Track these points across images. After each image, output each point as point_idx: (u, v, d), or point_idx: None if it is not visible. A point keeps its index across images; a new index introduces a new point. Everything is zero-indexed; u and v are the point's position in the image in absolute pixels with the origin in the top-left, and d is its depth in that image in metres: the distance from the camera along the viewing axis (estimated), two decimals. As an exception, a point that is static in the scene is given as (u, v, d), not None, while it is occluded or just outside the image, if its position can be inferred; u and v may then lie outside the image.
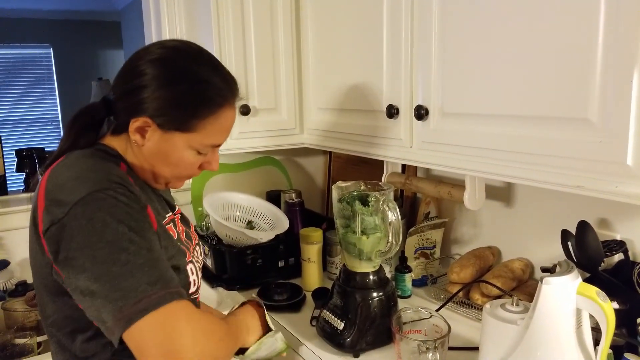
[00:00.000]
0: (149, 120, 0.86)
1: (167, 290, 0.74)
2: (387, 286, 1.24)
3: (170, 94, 0.85)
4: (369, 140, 1.39)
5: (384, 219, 1.19)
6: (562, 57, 0.87)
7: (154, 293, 0.73)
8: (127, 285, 0.73)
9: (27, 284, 1.67)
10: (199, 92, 0.87)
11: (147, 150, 0.89)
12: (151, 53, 0.88)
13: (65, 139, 0.91)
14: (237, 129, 1.57)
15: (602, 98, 0.82)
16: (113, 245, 0.74)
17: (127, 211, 0.78)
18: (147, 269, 0.75)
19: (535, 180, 0.95)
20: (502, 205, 1.50)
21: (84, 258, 0.74)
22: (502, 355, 0.93)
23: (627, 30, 0.77)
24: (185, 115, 0.87)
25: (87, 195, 0.76)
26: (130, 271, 0.73)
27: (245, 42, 1.55)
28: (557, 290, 0.87)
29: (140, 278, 0.73)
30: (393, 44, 1.24)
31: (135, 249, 0.75)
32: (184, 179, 0.97)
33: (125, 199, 0.79)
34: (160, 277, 0.75)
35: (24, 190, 1.97)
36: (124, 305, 0.72)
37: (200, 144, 0.90)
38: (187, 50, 0.91)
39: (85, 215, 0.75)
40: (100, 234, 0.75)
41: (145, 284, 0.73)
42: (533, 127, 0.94)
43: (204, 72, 0.89)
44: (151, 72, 0.86)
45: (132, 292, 0.72)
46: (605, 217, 1.22)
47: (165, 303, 0.73)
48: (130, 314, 0.71)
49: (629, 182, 0.80)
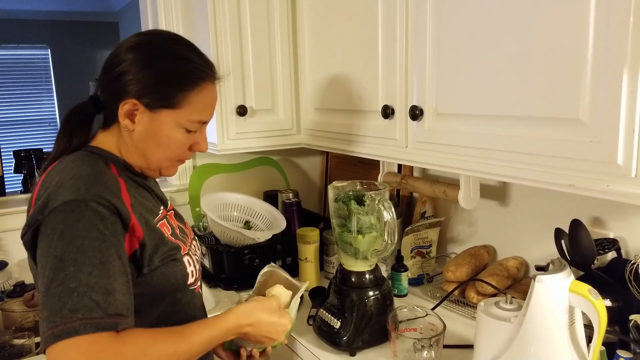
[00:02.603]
0: (136, 101, 0.88)
1: (86, 320, 0.72)
2: (383, 285, 1.25)
3: (152, 72, 0.88)
4: (365, 140, 1.40)
5: (379, 219, 1.20)
6: (553, 58, 0.88)
7: (71, 322, 0.71)
8: (52, 306, 0.73)
9: (25, 284, 1.67)
10: (181, 67, 0.90)
11: (137, 135, 0.91)
12: (128, 42, 0.92)
13: (60, 141, 0.93)
14: (234, 130, 1.58)
15: (592, 98, 0.83)
16: (57, 263, 0.75)
17: (86, 228, 0.77)
18: (76, 295, 0.73)
19: (528, 179, 0.96)
20: (497, 204, 1.51)
21: (40, 266, 0.78)
22: (496, 352, 0.94)
23: (617, 31, 0.78)
24: (170, 90, 0.89)
25: (61, 204, 0.78)
26: (59, 294, 0.73)
27: (242, 42, 1.56)
28: (549, 288, 0.88)
29: (64, 303, 0.72)
30: (388, 45, 1.25)
31: (74, 271, 0.74)
32: (175, 162, 0.98)
33: (93, 215, 0.79)
34: (84, 306, 0.73)
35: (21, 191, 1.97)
36: (47, 326, 0.72)
37: (187, 119, 0.91)
38: (164, 33, 0.96)
39: (51, 225, 0.78)
40: (54, 248, 0.76)
41: (67, 310, 0.72)
42: (525, 127, 0.95)
43: (183, 50, 0.92)
44: (131, 57, 0.89)
45: (53, 316, 0.72)
46: (598, 215, 1.23)
47: (75, 334, 0.71)
48: (46, 337, 0.71)
49: (619, 181, 0.81)
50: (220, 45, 1.52)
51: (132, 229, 0.85)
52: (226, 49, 1.53)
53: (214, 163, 1.94)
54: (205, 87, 0.92)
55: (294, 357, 1.33)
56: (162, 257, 0.90)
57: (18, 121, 5.39)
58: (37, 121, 5.49)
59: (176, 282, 0.94)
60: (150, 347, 0.77)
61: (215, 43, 1.52)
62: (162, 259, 0.90)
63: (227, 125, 1.57)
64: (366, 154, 1.41)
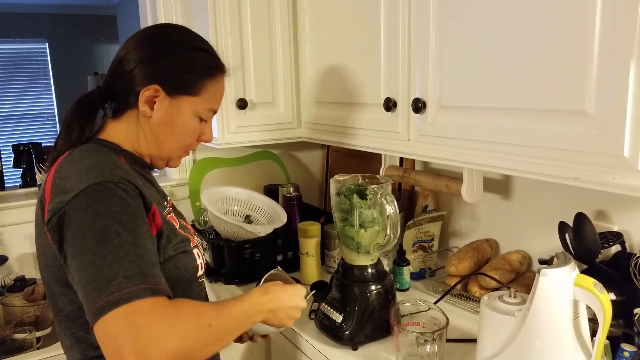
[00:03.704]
0: (158, 87, 0.91)
1: (143, 286, 0.73)
2: (386, 279, 1.25)
3: (175, 60, 0.92)
4: (366, 133, 1.39)
5: (381, 212, 1.19)
6: (558, 49, 0.87)
7: (128, 287, 0.72)
8: (104, 276, 0.73)
9: (25, 279, 1.67)
10: (202, 57, 0.95)
11: (154, 122, 0.93)
12: (143, 33, 0.95)
13: (68, 132, 0.92)
14: (234, 123, 1.57)
15: (598, 90, 0.82)
16: (100, 237, 0.75)
17: (121, 205, 0.79)
18: (127, 263, 0.74)
19: (532, 172, 0.95)
20: (500, 197, 1.50)
21: (75, 247, 0.76)
22: (499, 347, 0.93)
23: (624, 21, 0.77)
24: (192, 78, 0.93)
25: (88, 187, 0.79)
26: (109, 263, 0.73)
27: (242, 35, 1.55)
28: (554, 281, 0.87)
29: (117, 271, 0.73)
30: (390, 37, 1.24)
31: (119, 242, 0.76)
32: (183, 153, 1.01)
33: (124, 194, 0.80)
34: (138, 273, 0.74)
35: (21, 185, 1.96)
36: (98, 296, 0.71)
37: (204, 107, 0.96)
38: (178, 26, 1.00)
39: (82, 206, 0.77)
40: (91, 225, 0.76)
41: (121, 277, 0.73)
42: (530, 120, 0.94)
43: (200, 42, 0.98)
44: (149, 47, 0.92)
45: (107, 284, 0.72)
46: (603, 208, 1.22)
47: (136, 298, 0.72)
48: (101, 305, 0.71)
49: (625, 174, 0.80)
50: (220, 38, 1.51)
51: (152, 215, 0.87)
52: (226, 41, 1.52)
53: (214, 157, 1.93)
54: (220, 77, 0.98)
55: (296, 351, 1.33)
56: (174, 248, 0.91)
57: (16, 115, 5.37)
58: (35, 115, 5.47)
59: (187, 275, 0.95)
60: (202, 311, 0.79)
61: (215, 36, 1.50)
62: (174, 250, 0.91)
63: (228, 118, 1.56)
64: (368, 148, 1.40)
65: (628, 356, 0.99)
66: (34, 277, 1.71)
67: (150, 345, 0.69)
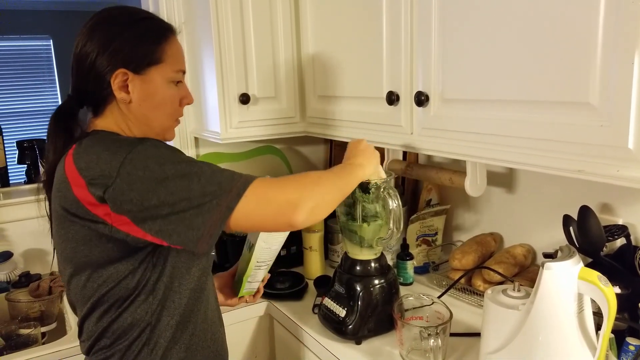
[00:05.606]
0: (124, 70, 0.91)
1: (244, 176, 0.85)
2: (389, 273, 1.24)
3: (127, 38, 0.92)
4: (369, 127, 1.38)
5: (385, 207, 1.18)
6: (562, 40, 0.86)
7: (240, 179, 0.84)
8: (218, 180, 0.83)
9: (30, 275, 1.68)
10: (149, 25, 0.96)
11: (135, 103, 0.94)
12: (85, 27, 0.94)
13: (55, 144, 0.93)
14: (237, 118, 1.57)
15: (602, 81, 0.81)
16: (178, 169, 0.82)
17: (170, 148, 0.86)
18: (221, 170, 0.85)
19: (536, 165, 0.95)
20: (504, 191, 1.49)
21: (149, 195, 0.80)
22: (503, 340, 0.93)
23: (629, 11, 0.76)
24: (150, 47, 0.94)
25: (129, 153, 0.82)
26: (208, 177, 0.82)
27: (244, 29, 1.54)
28: (558, 275, 0.87)
29: (220, 176, 0.83)
30: (393, 30, 1.23)
31: (202, 163, 0.85)
32: (174, 121, 1.02)
33: (161, 144, 0.87)
34: (234, 172, 0.85)
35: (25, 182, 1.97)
36: (219, 198, 0.81)
37: (172, 70, 0.97)
38: (114, 7, 0.99)
39: (140, 161, 0.82)
40: (162, 172, 0.81)
41: (226, 178, 0.83)
42: (533, 112, 0.93)
43: (142, 13, 0.98)
44: (98, 36, 0.91)
45: (225, 184, 0.82)
46: (607, 201, 1.21)
47: (253, 180, 0.84)
48: (227, 201, 0.81)
49: (630, 166, 0.79)
50: (222, 32, 1.50)
51: None
52: (228, 35, 1.51)
53: (217, 152, 1.93)
54: (173, 37, 0.99)
55: (300, 345, 1.33)
56: None
57: (21, 112, 5.38)
58: (40, 112, 5.47)
59: (207, 264, 0.99)
60: (322, 175, 0.93)
61: (217, 30, 1.50)
62: None
63: (230, 113, 1.55)
64: (371, 142, 1.39)
65: (633, 350, 0.98)
66: (39, 273, 1.71)
67: (292, 199, 0.85)
